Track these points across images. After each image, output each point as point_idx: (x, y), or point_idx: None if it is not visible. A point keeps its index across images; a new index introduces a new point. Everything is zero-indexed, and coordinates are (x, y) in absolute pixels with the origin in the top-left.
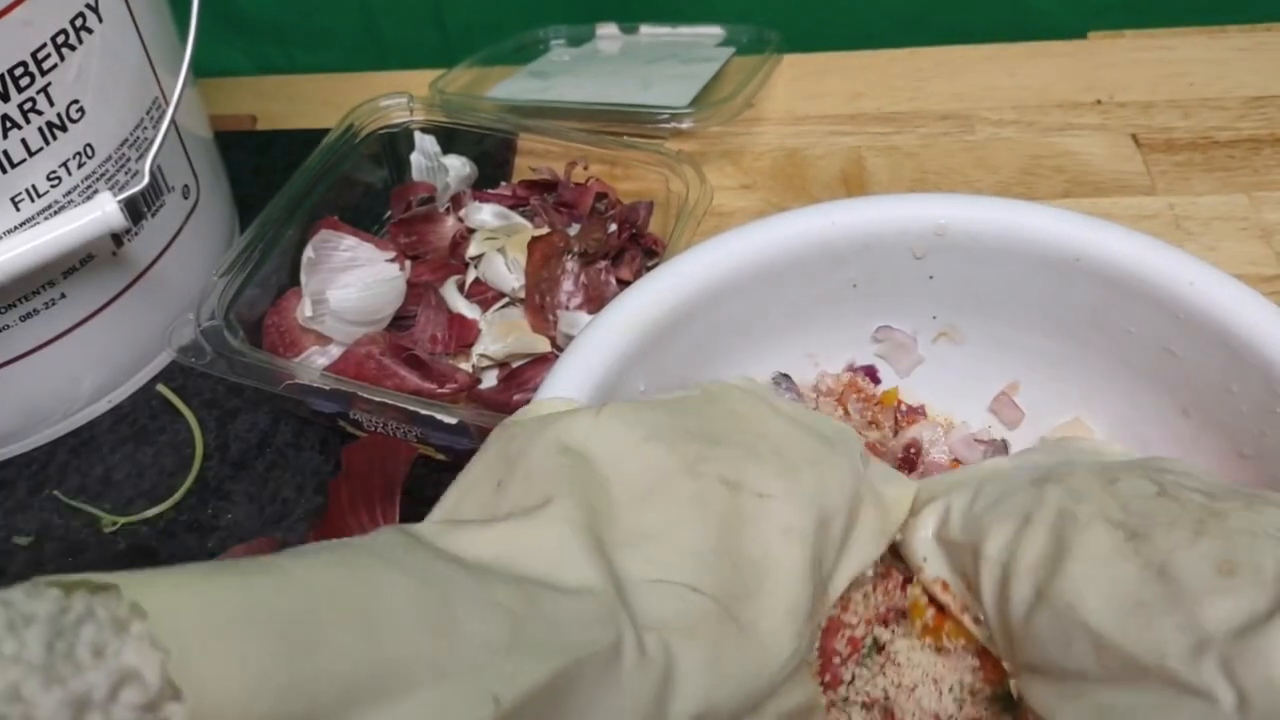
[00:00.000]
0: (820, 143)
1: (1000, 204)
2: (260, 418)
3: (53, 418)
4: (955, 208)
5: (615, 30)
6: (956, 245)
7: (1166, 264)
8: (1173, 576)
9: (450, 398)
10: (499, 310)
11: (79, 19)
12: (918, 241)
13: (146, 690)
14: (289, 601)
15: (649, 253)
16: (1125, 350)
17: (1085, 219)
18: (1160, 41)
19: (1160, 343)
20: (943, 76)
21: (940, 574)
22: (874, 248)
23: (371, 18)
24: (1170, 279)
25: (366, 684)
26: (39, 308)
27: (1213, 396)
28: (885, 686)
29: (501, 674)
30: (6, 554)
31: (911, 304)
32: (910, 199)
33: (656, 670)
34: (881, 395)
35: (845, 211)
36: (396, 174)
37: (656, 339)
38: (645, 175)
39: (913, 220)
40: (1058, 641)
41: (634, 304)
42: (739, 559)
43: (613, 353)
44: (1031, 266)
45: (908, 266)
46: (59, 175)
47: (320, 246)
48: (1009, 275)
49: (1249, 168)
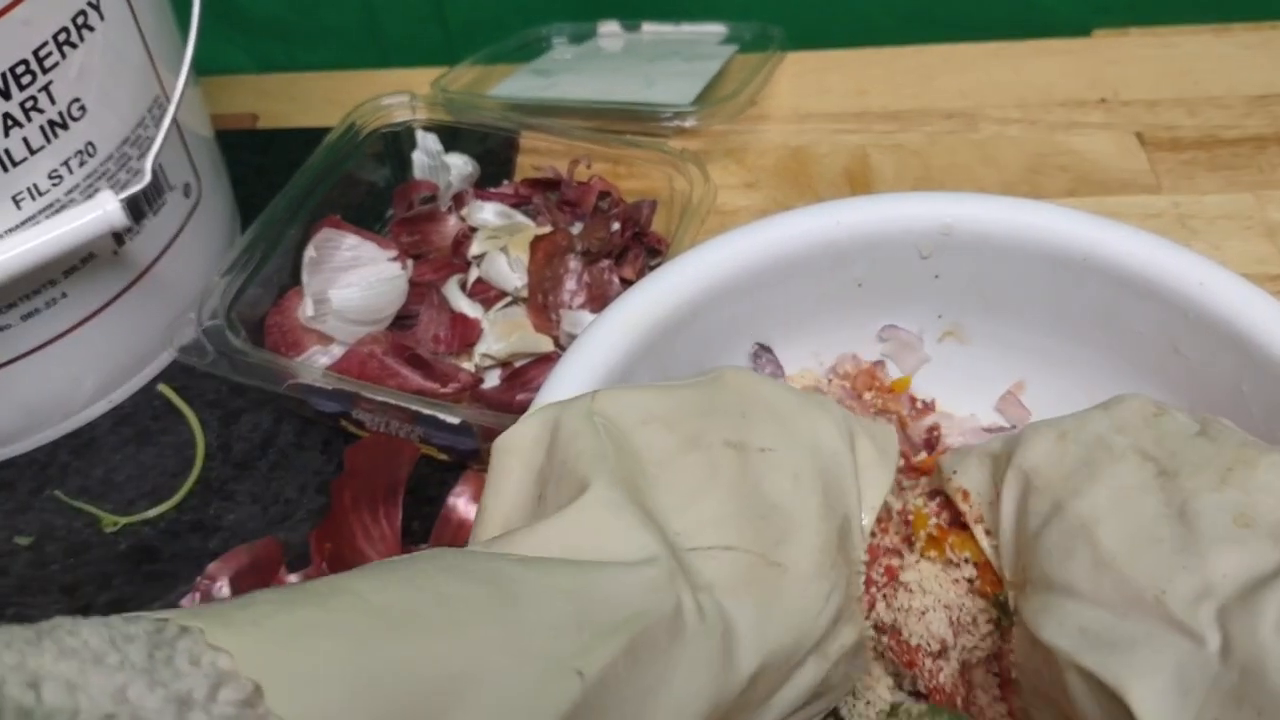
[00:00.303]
0: (824, 140)
1: (1008, 203)
2: (262, 418)
3: (54, 418)
4: (962, 207)
5: (618, 28)
6: (963, 244)
7: (1175, 264)
8: (1191, 519)
9: (453, 397)
10: (501, 309)
11: (80, 17)
12: (924, 240)
13: (243, 689)
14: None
15: (652, 251)
16: (1133, 350)
17: (1093, 218)
18: (1165, 39)
19: (1169, 343)
20: (947, 74)
21: (965, 484)
22: (879, 247)
23: (373, 15)
24: (1179, 279)
25: (451, 684)
26: (40, 307)
27: (1222, 397)
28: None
29: (578, 650)
30: (8, 554)
31: (917, 303)
32: (916, 198)
33: (716, 629)
34: (893, 383)
35: (850, 211)
36: (399, 173)
37: (659, 339)
38: (648, 173)
39: (918, 219)
40: (1058, 554)
41: (637, 304)
42: (763, 509)
43: (615, 353)
44: (1039, 266)
45: (913, 265)
46: (60, 174)
47: (322, 245)
48: (1016, 274)
49: (1254, 166)
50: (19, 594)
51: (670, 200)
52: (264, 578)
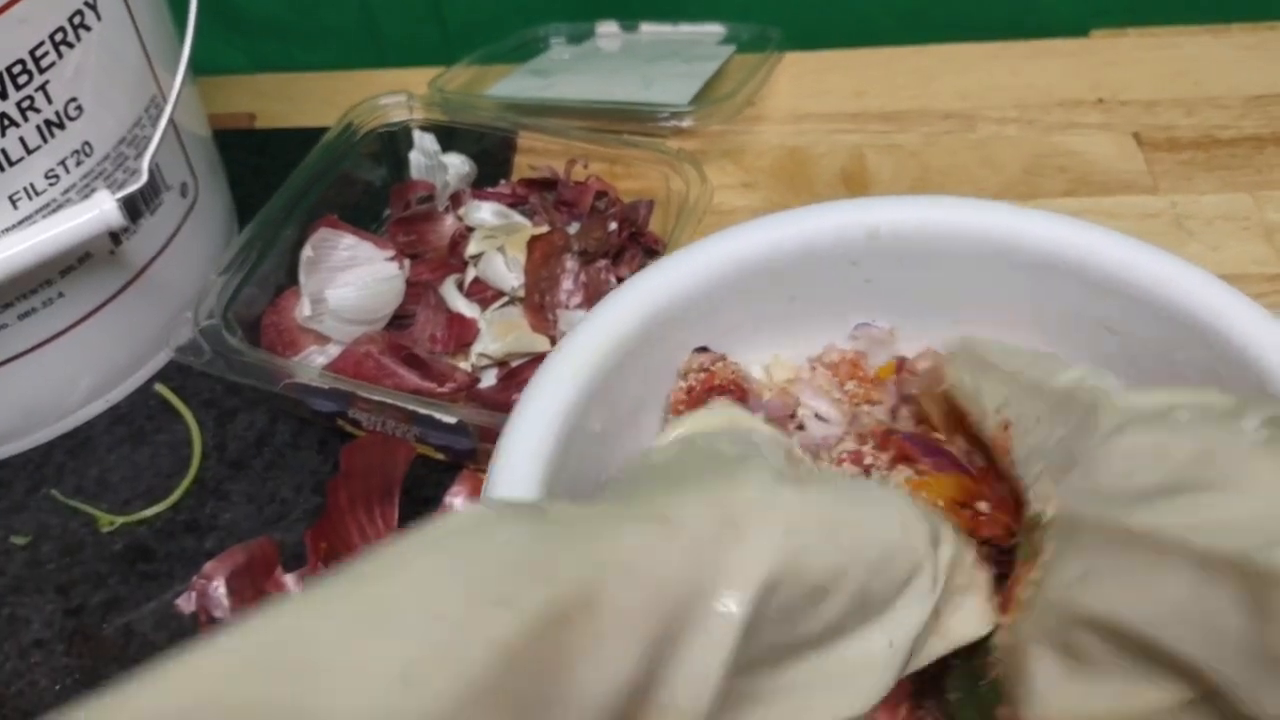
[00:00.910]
0: (822, 141)
1: (930, 201)
2: (258, 417)
3: (50, 417)
4: (886, 210)
5: (615, 28)
6: (889, 248)
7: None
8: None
9: (449, 397)
10: (498, 309)
11: (77, 16)
12: (852, 247)
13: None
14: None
15: (649, 251)
16: (1067, 331)
17: (1011, 209)
18: (1163, 40)
19: (1100, 321)
20: (946, 74)
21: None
22: (808, 259)
23: (370, 15)
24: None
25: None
26: (36, 306)
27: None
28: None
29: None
30: (4, 554)
31: (852, 311)
32: (842, 205)
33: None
34: (878, 370)
35: (778, 226)
36: (395, 172)
37: (605, 378)
38: (646, 174)
39: (846, 227)
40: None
41: (579, 345)
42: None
43: (565, 403)
44: (964, 262)
45: (844, 273)
46: (57, 173)
47: (319, 245)
48: (944, 272)
49: (1252, 167)
50: (14, 593)
51: (667, 200)
52: (260, 578)
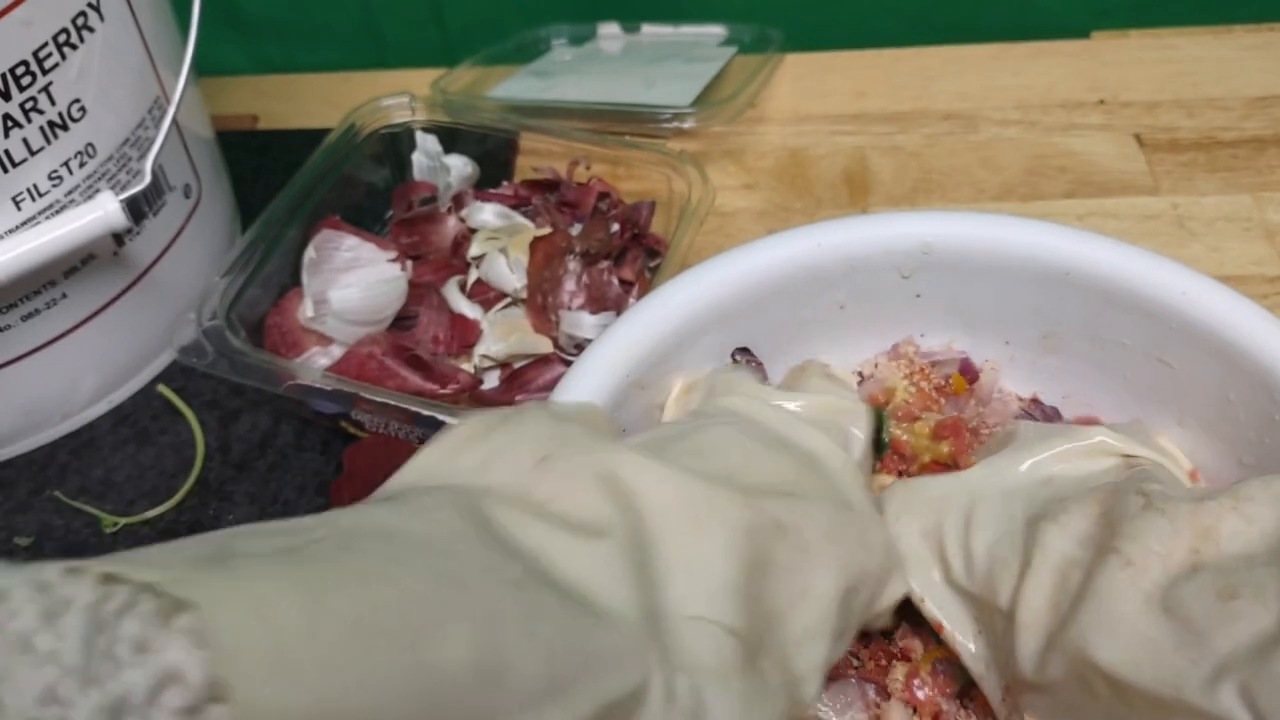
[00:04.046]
0: (823, 142)
1: (988, 219)
2: (262, 419)
3: (53, 418)
4: (942, 224)
5: (617, 29)
6: (944, 263)
7: (1159, 274)
8: (1177, 612)
9: (452, 398)
10: (501, 310)
11: (80, 18)
12: (905, 260)
13: (188, 692)
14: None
15: (651, 253)
16: (1119, 363)
17: (1075, 231)
18: (1164, 41)
19: (1155, 354)
20: (946, 76)
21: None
22: (860, 269)
23: (372, 17)
24: (1164, 289)
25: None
26: (40, 308)
27: (1210, 406)
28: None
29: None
30: (7, 555)
31: (900, 324)
32: (896, 217)
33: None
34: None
35: (830, 233)
36: (398, 174)
37: (644, 373)
38: (648, 175)
39: (899, 239)
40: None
41: (620, 339)
42: (767, 608)
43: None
44: (1020, 282)
45: (895, 286)
46: (60, 174)
47: (322, 246)
48: (997, 291)
49: (1253, 168)
50: None
51: (669, 202)
52: None
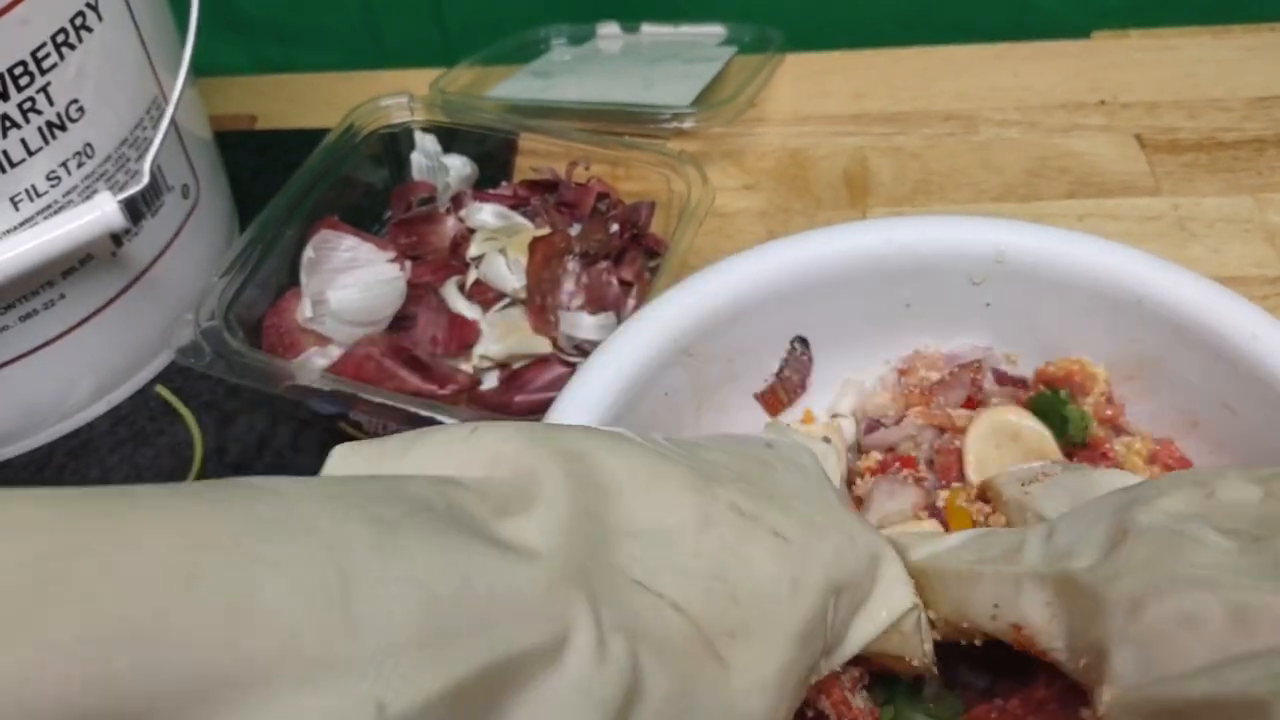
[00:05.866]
0: (823, 143)
1: (1065, 236)
2: (259, 420)
3: (51, 418)
4: (1017, 234)
5: (616, 29)
6: (1016, 274)
7: (1229, 313)
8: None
9: (451, 399)
10: (500, 311)
11: (78, 18)
12: (976, 266)
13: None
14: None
15: (650, 253)
16: (1182, 400)
17: (1149, 258)
18: (1165, 41)
19: (1219, 397)
20: (947, 76)
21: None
22: (930, 269)
23: (372, 16)
24: (1231, 330)
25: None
26: (38, 308)
27: (1274, 458)
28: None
29: (395, 677)
30: None
31: (966, 330)
32: (971, 221)
33: (621, 675)
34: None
35: (902, 229)
36: (397, 174)
37: (695, 339)
38: (647, 175)
39: (972, 244)
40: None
41: (677, 302)
42: (738, 594)
43: (650, 349)
44: (1092, 304)
45: (964, 291)
46: (58, 175)
47: (320, 247)
48: (1068, 310)
49: (1254, 169)
50: None
51: (669, 202)
52: None
